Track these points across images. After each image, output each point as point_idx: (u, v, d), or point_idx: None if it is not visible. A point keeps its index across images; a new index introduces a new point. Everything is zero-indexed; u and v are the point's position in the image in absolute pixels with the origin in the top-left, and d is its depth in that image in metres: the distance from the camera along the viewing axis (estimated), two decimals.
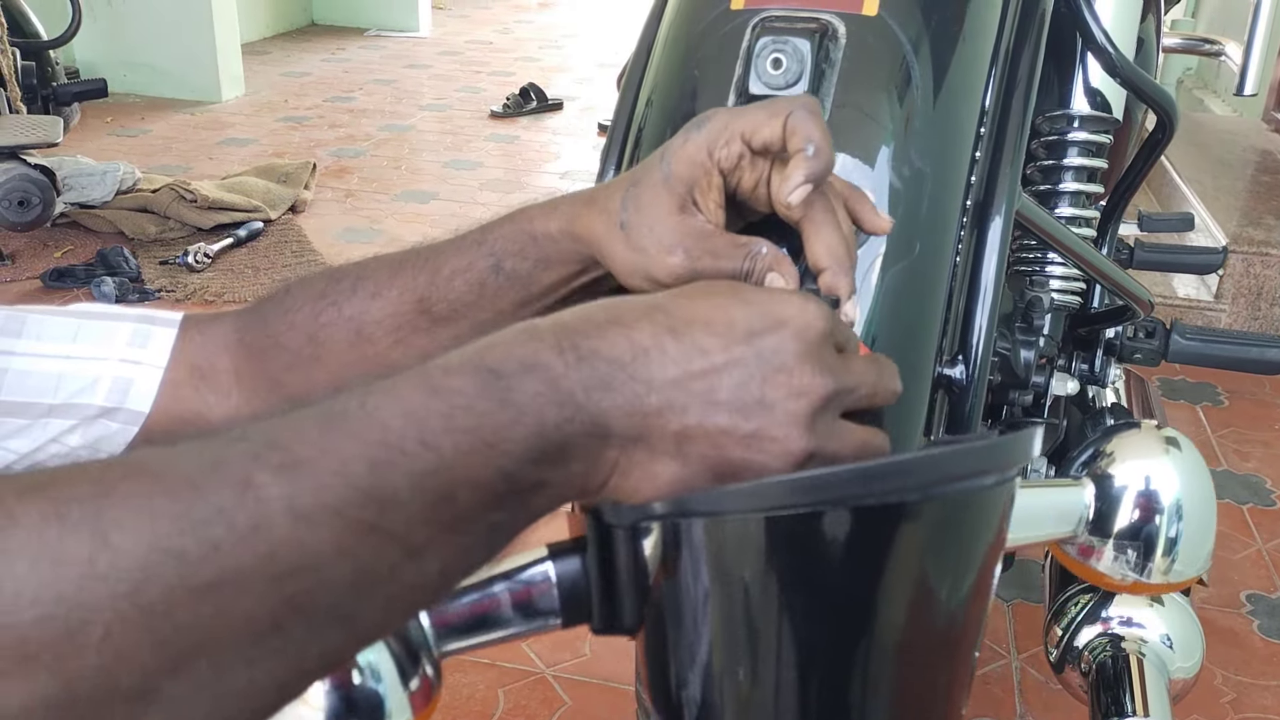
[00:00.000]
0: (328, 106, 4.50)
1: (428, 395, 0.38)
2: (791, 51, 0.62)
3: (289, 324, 0.61)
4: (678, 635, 0.45)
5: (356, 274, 0.61)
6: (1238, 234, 2.57)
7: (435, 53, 5.57)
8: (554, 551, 0.47)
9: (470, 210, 3.36)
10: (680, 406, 0.42)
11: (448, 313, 0.59)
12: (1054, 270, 1.06)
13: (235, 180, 3.29)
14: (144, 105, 4.41)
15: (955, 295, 0.66)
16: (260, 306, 0.63)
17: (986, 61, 0.70)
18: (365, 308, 0.60)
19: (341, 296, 0.60)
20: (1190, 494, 0.60)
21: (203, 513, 0.32)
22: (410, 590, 0.37)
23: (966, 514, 0.44)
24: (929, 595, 0.44)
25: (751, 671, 0.44)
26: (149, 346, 0.61)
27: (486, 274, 0.58)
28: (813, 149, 0.50)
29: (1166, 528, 0.59)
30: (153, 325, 0.62)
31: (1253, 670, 1.60)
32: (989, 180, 0.68)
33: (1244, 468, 2.12)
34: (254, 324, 0.62)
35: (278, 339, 0.61)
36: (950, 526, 0.43)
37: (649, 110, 0.71)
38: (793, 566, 0.42)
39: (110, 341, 0.60)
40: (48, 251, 2.90)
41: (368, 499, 0.35)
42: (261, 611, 0.33)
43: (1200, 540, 0.60)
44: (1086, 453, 0.62)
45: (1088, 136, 1.02)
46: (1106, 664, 0.82)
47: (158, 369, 0.61)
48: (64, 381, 0.59)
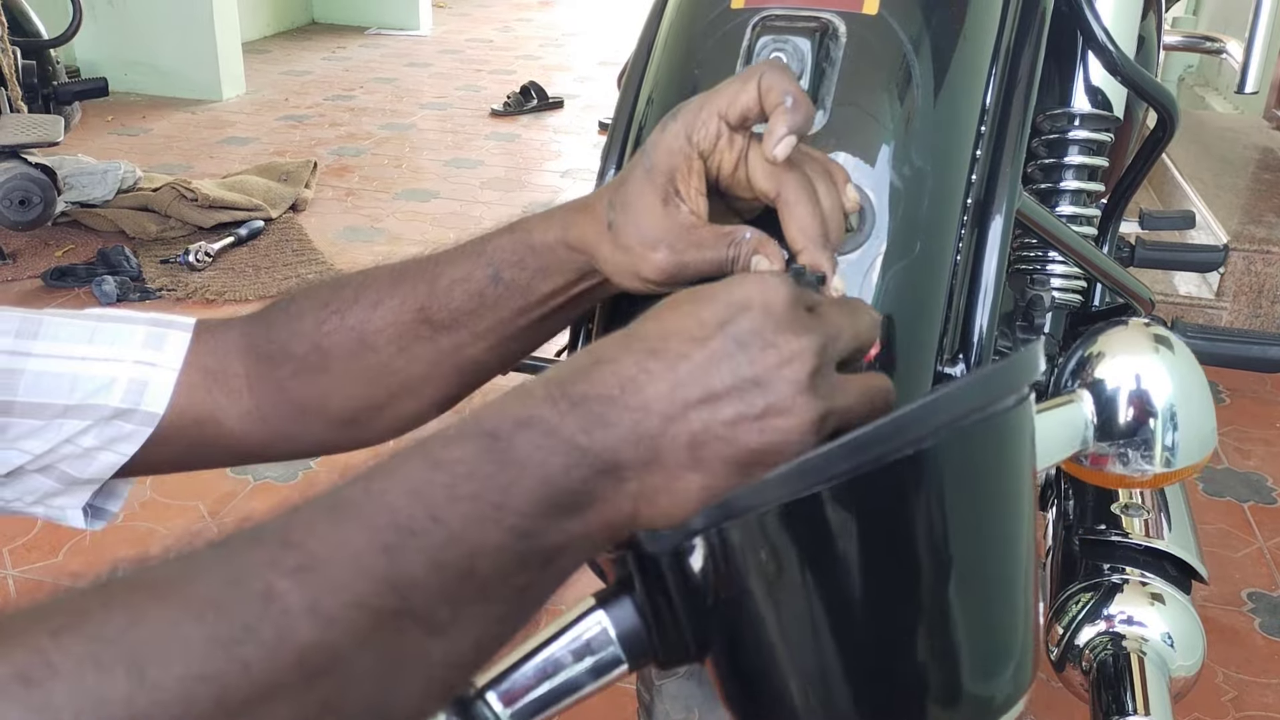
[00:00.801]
0: (328, 105, 4.50)
1: (430, 469, 0.38)
2: (792, 51, 0.62)
3: (293, 332, 0.61)
4: (754, 642, 0.43)
5: (359, 283, 0.61)
6: (1239, 232, 2.56)
7: (436, 51, 5.56)
8: (601, 599, 0.46)
9: (471, 209, 3.36)
10: (683, 417, 0.41)
11: (448, 321, 0.59)
12: (1055, 268, 1.06)
13: (236, 179, 3.29)
14: (145, 104, 4.41)
15: (956, 294, 0.66)
16: (267, 313, 0.63)
17: (987, 60, 0.70)
18: (367, 317, 0.60)
19: (344, 305, 0.61)
20: (1183, 381, 0.61)
21: (230, 633, 0.33)
22: (444, 669, 0.37)
23: (1001, 438, 0.43)
24: (991, 526, 0.43)
25: (841, 652, 0.43)
26: (164, 349, 0.61)
27: (485, 284, 0.59)
28: (790, 100, 0.50)
29: (1166, 417, 0.60)
30: (168, 329, 0.62)
31: (1254, 668, 1.60)
32: (989, 179, 0.68)
33: (1245, 466, 2.12)
34: (260, 330, 0.63)
35: (284, 346, 0.62)
36: (989, 453, 0.43)
37: (650, 109, 0.71)
38: (847, 537, 0.41)
39: (126, 343, 0.61)
40: (49, 250, 2.91)
41: (387, 587, 0.35)
42: (297, 716, 0.33)
43: (1202, 421, 0.61)
44: (1074, 358, 0.63)
45: (1088, 135, 1.02)
46: (1107, 662, 0.82)
47: (173, 371, 0.61)
48: (79, 382, 0.59)
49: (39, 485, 0.62)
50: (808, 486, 0.40)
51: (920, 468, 0.41)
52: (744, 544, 0.42)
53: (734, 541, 0.42)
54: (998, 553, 0.44)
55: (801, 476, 0.40)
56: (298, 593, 0.34)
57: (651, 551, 0.44)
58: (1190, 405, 0.60)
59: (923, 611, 0.42)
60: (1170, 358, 0.61)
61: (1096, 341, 0.62)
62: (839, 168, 0.56)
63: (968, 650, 0.43)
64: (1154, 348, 0.61)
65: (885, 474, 0.40)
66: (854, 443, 0.40)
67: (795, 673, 0.43)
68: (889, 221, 0.62)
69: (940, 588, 0.42)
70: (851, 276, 0.61)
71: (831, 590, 0.42)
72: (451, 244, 0.62)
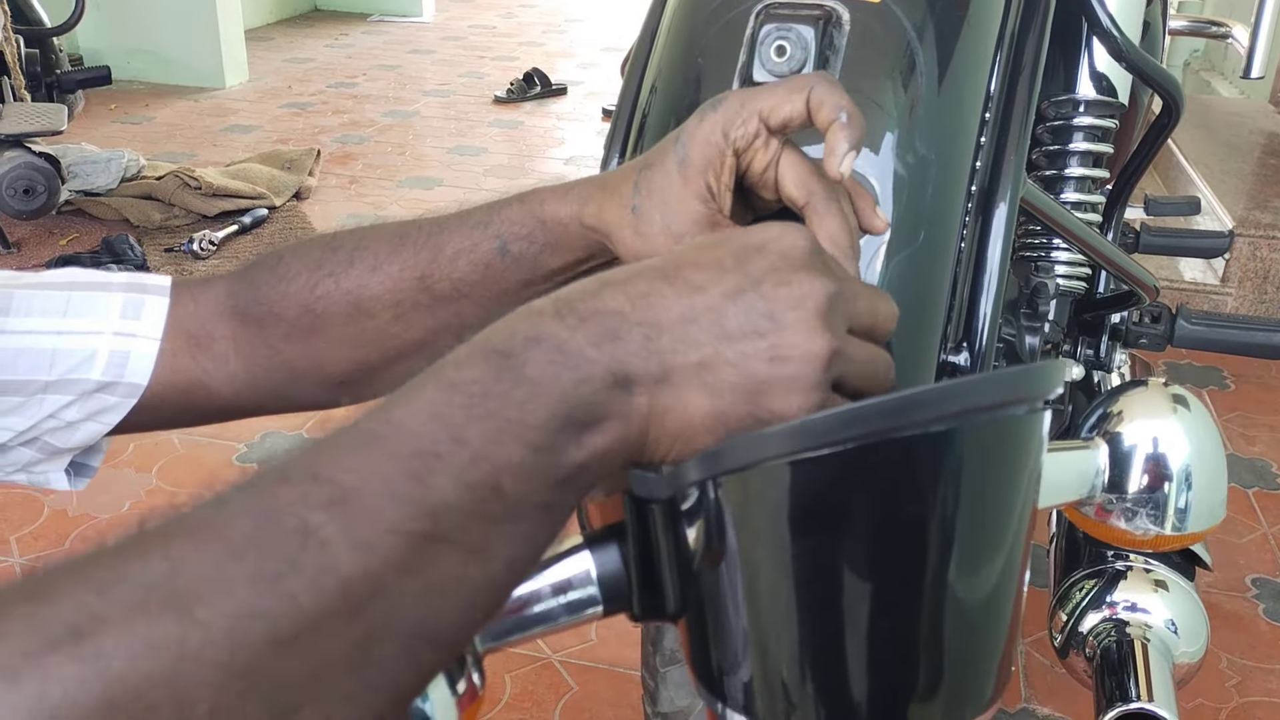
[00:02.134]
0: (331, 93, 4.49)
1: (447, 392, 0.38)
2: (795, 38, 0.61)
3: (283, 294, 0.60)
4: (729, 607, 0.43)
5: (354, 244, 0.60)
6: (1244, 217, 2.56)
7: (438, 38, 5.55)
8: (590, 540, 0.46)
9: (474, 196, 3.34)
10: (692, 339, 0.41)
11: (450, 291, 0.59)
12: (1059, 256, 1.06)
13: (240, 167, 3.29)
14: (148, 92, 4.41)
15: (960, 282, 0.66)
16: (252, 272, 0.62)
17: (991, 46, 0.70)
18: (364, 281, 0.59)
19: (339, 268, 0.60)
20: (1200, 447, 0.61)
21: (273, 568, 0.33)
22: (482, 591, 0.38)
23: (1013, 443, 0.43)
24: (988, 528, 0.43)
25: (817, 629, 0.42)
26: (143, 317, 0.60)
27: (492, 255, 0.58)
28: (845, 115, 0.50)
29: (1180, 481, 0.60)
30: (144, 294, 0.61)
31: (1258, 654, 1.60)
32: (994, 166, 0.68)
33: (1250, 452, 2.12)
34: (247, 290, 0.61)
35: (272, 308, 0.61)
36: (998, 454, 0.43)
37: (653, 96, 0.71)
38: (841, 508, 0.41)
39: (104, 314, 0.60)
40: (53, 239, 2.91)
41: (420, 511, 0.35)
42: (349, 648, 0.34)
43: (1213, 490, 0.61)
44: (1095, 414, 0.63)
45: (1093, 121, 1.02)
46: (1111, 649, 0.82)
47: (154, 340, 0.60)
48: (59, 357, 0.59)
49: (22, 457, 0.62)
50: (811, 447, 0.39)
51: (928, 450, 0.40)
52: (737, 500, 0.42)
53: (727, 496, 0.42)
54: (990, 556, 0.44)
55: (806, 435, 0.40)
56: (334, 525, 0.34)
57: (644, 497, 0.44)
58: (1206, 474, 0.60)
59: (906, 601, 0.42)
60: (1191, 422, 0.61)
61: (1119, 400, 0.63)
62: (865, 193, 0.55)
63: (945, 649, 0.43)
64: (1174, 409, 0.62)
65: (890, 448, 0.40)
66: (865, 410, 0.39)
67: (767, 643, 0.43)
68: (893, 209, 0.62)
69: (928, 578, 0.42)
70: None
71: (819, 562, 0.42)
72: (455, 209, 0.61)
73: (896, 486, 0.41)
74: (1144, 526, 0.60)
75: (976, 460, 0.42)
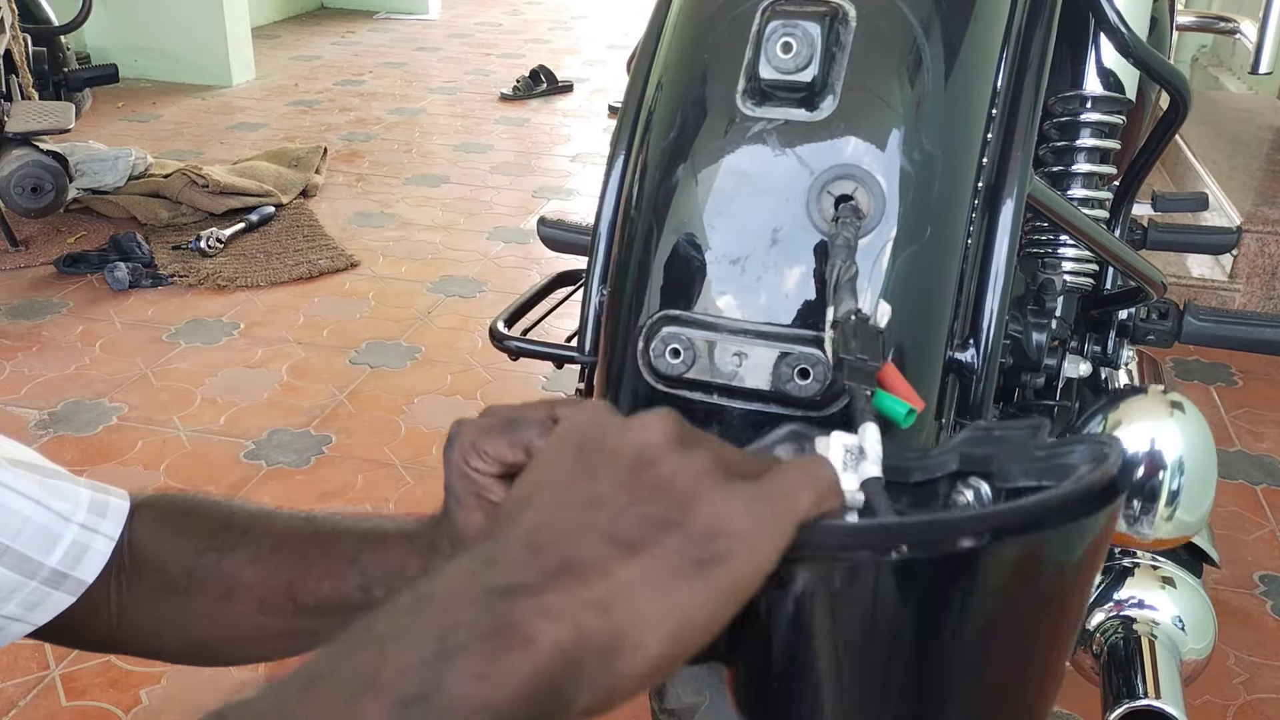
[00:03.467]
0: (338, 90, 4.49)
1: (276, 689, 0.33)
2: (801, 35, 0.61)
3: (175, 549, 0.61)
4: (790, 669, 0.43)
5: (245, 526, 0.61)
6: (1252, 213, 2.55)
7: (445, 35, 5.55)
8: None
9: (481, 194, 3.36)
10: (578, 524, 0.36)
11: (313, 606, 0.59)
12: (1066, 252, 1.06)
13: (247, 165, 3.30)
14: (155, 90, 4.42)
15: (967, 278, 0.66)
16: (161, 506, 0.63)
17: (998, 42, 0.69)
18: (241, 568, 0.60)
19: (226, 547, 0.61)
20: (1192, 451, 0.61)
21: None
22: None
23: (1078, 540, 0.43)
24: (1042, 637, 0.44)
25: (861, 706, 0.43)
26: (106, 517, 0.61)
27: (354, 593, 0.58)
28: None
29: (1169, 483, 0.60)
30: (108, 496, 0.62)
31: (1265, 651, 1.60)
32: (1001, 162, 0.68)
33: (1258, 448, 2.12)
34: (147, 523, 0.62)
35: (160, 560, 0.61)
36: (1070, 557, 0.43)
37: (659, 93, 0.71)
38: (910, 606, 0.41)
39: (75, 502, 0.60)
40: (60, 237, 2.92)
41: None
42: None
43: (1201, 495, 0.62)
44: (1095, 419, 0.63)
45: (1100, 117, 1.02)
46: (1118, 646, 0.82)
47: (110, 540, 0.60)
48: (28, 527, 0.57)
49: None
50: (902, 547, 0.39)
51: (1007, 557, 0.41)
52: (821, 583, 0.40)
53: (812, 575, 0.40)
54: (1036, 671, 0.45)
55: (913, 533, 0.39)
56: None
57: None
58: (1192, 479, 0.61)
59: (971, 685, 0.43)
60: (1184, 431, 0.62)
61: (1119, 407, 0.63)
62: None
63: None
64: (1170, 413, 0.62)
65: (969, 559, 0.39)
66: (961, 521, 0.39)
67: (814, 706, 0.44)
68: (899, 206, 0.62)
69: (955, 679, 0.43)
70: (862, 262, 0.61)
71: (873, 650, 0.42)
72: (341, 525, 0.61)
73: (968, 593, 0.41)
74: (1134, 529, 0.60)
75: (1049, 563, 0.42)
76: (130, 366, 2.31)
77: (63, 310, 2.56)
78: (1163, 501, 0.60)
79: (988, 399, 0.67)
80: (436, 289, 2.72)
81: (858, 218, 0.61)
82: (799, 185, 0.62)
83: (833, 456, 0.42)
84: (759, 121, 0.64)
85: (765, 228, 0.62)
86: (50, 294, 2.63)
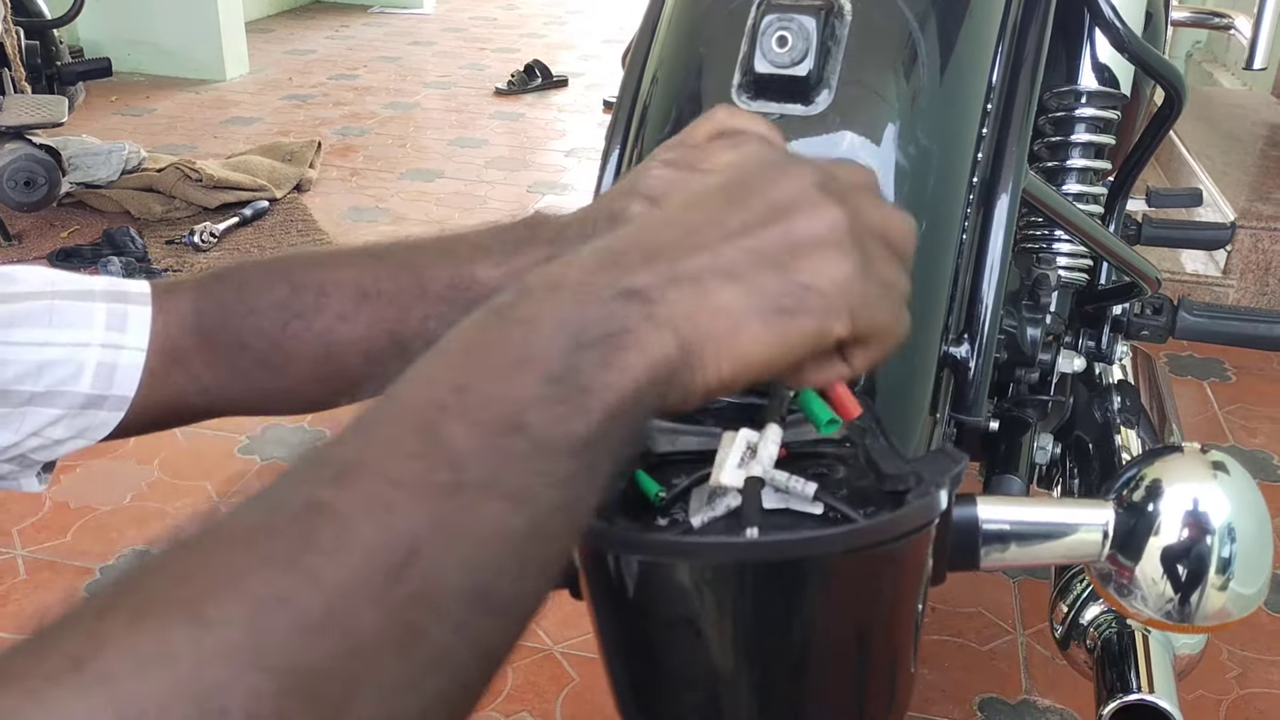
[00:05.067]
0: (332, 84, 4.48)
1: (440, 358, 0.37)
2: (797, 29, 0.61)
3: (253, 327, 0.60)
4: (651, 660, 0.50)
5: (318, 289, 0.60)
6: (1246, 209, 2.55)
7: (439, 29, 5.54)
8: None
9: (476, 188, 3.35)
10: (696, 244, 0.40)
11: (425, 347, 0.59)
12: (1061, 247, 1.06)
13: (240, 159, 3.29)
14: (148, 84, 4.40)
15: (962, 273, 0.66)
16: (216, 291, 0.62)
17: (993, 37, 0.69)
18: (333, 328, 0.59)
19: (306, 310, 0.60)
20: (1242, 522, 0.54)
21: (286, 550, 0.30)
22: (532, 544, 0.34)
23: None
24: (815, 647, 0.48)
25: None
26: (128, 329, 0.60)
27: (461, 316, 0.59)
28: None
29: (1214, 558, 0.54)
30: (127, 304, 0.61)
31: (1258, 646, 1.60)
32: (996, 157, 0.68)
33: (1251, 444, 2.12)
34: (213, 311, 0.61)
35: (240, 337, 0.60)
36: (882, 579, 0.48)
37: (654, 88, 0.71)
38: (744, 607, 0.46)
39: (89, 324, 0.59)
40: (54, 232, 2.91)
41: (436, 462, 0.33)
42: (391, 624, 0.30)
43: (1255, 573, 0.54)
44: (1125, 475, 0.58)
45: (1095, 112, 1.02)
46: (1112, 640, 0.82)
47: (139, 351, 0.60)
48: (46, 369, 0.58)
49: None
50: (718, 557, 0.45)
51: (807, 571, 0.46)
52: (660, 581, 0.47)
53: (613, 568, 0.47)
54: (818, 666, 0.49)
55: (716, 552, 0.45)
56: (345, 496, 0.32)
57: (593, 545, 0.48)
58: (1243, 555, 0.54)
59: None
60: (1233, 497, 0.54)
61: (1154, 465, 0.56)
62: None
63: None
64: (1213, 474, 0.55)
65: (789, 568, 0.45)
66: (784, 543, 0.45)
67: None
68: (894, 201, 0.62)
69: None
70: None
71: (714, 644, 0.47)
72: (431, 244, 0.61)
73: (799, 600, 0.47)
74: (1157, 608, 0.54)
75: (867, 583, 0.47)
76: None
77: None
78: (1212, 570, 0.53)
79: (982, 394, 0.67)
80: None
81: None
82: None
83: (733, 449, 0.46)
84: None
85: None
86: None
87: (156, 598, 0.29)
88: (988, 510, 0.53)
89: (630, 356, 0.37)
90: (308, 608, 0.29)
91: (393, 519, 0.31)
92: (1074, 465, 0.98)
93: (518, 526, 0.34)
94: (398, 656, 0.30)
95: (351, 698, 0.29)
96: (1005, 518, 0.53)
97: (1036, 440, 0.87)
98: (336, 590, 0.30)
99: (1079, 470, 0.98)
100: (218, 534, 0.31)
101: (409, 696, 0.31)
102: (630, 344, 0.37)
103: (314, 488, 0.32)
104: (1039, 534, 0.54)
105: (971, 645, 1.57)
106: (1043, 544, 0.54)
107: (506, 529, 0.33)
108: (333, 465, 0.33)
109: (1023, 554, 0.54)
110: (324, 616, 0.29)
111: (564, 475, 0.35)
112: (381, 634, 0.30)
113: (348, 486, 0.32)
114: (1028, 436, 0.87)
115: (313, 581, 0.30)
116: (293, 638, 0.29)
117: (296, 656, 0.29)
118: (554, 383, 0.35)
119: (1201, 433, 2.14)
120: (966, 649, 1.56)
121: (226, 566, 0.30)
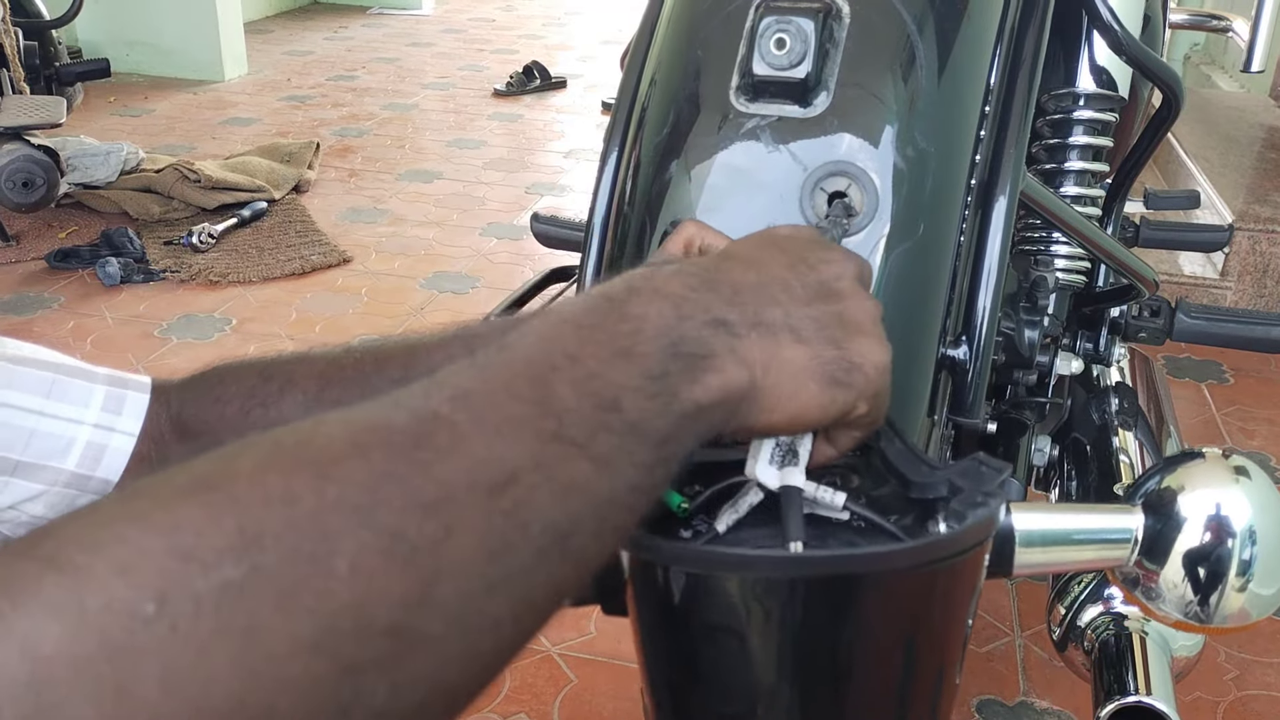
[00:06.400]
0: (331, 85, 4.48)
1: (556, 325, 0.40)
2: (795, 31, 0.61)
3: (220, 415, 0.62)
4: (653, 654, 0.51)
5: (285, 377, 0.63)
6: (1244, 211, 2.55)
7: (438, 30, 5.54)
8: None
9: (474, 190, 3.35)
10: (770, 298, 0.45)
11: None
12: (1059, 249, 1.06)
13: (239, 160, 3.29)
14: (147, 85, 4.40)
15: (959, 275, 0.66)
16: (198, 383, 0.64)
17: (991, 39, 0.69)
18: (293, 414, 0.61)
19: (270, 398, 0.62)
20: (1263, 525, 0.55)
21: (405, 440, 0.34)
22: (610, 509, 0.38)
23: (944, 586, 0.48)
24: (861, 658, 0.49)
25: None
26: (123, 412, 0.61)
27: None
28: None
29: (1239, 553, 0.55)
30: (125, 389, 0.61)
31: (1256, 647, 1.60)
32: (994, 159, 0.68)
33: (1249, 445, 2.12)
34: (190, 400, 0.63)
35: (210, 425, 0.62)
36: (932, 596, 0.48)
37: (653, 89, 0.71)
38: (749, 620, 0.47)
39: (85, 404, 0.60)
40: (52, 232, 2.91)
41: (544, 410, 0.37)
42: (487, 527, 0.34)
43: (1273, 574, 0.55)
44: (1149, 481, 0.59)
45: (1093, 115, 1.02)
46: (1109, 642, 0.82)
47: (130, 437, 0.60)
48: (36, 438, 0.58)
49: None
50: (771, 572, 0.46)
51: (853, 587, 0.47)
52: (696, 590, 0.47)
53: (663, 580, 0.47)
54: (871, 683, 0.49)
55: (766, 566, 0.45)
56: (462, 412, 0.35)
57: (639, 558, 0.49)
58: (1265, 557, 0.55)
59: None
60: (1254, 500, 0.56)
61: (1178, 471, 0.58)
62: None
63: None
64: (1235, 479, 0.56)
65: (837, 584, 0.46)
66: (835, 558, 0.45)
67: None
68: (892, 203, 0.62)
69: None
70: None
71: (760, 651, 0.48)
72: (399, 337, 0.63)
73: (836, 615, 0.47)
74: (1181, 609, 0.55)
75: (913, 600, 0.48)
76: (122, 362, 2.30)
77: (54, 306, 2.55)
78: (1232, 572, 0.54)
79: (980, 396, 0.67)
80: (429, 285, 2.71)
81: (850, 215, 0.61)
82: (792, 182, 0.62)
83: (764, 445, 0.48)
84: (752, 118, 0.64)
85: (758, 224, 0.62)
86: (41, 289, 2.63)
87: (285, 452, 0.32)
88: (1022, 519, 0.54)
89: (712, 379, 0.41)
90: (419, 489, 0.33)
91: (501, 442, 0.35)
92: (1071, 467, 0.98)
93: (599, 489, 0.38)
94: (487, 560, 0.34)
95: (437, 582, 0.32)
96: (1038, 526, 0.54)
97: (1034, 442, 0.87)
98: (445, 485, 0.33)
99: (1076, 472, 0.98)
100: (345, 416, 0.35)
101: (485, 602, 0.34)
102: (715, 368, 0.42)
103: (431, 401, 0.36)
104: (1070, 540, 0.54)
105: (969, 647, 1.57)
106: (1074, 550, 0.54)
107: (591, 487, 0.37)
108: (450, 388, 0.37)
109: (1053, 560, 0.55)
110: (432, 500, 0.33)
111: (643, 460, 0.39)
112: (479, 531, 0.34)
113: (464, 407, 0.36)
114: (1025, 438, 0.87)
115: (425, 470, 0.33)
116: (402, 509, 0.32)
117: (403, 524, 0.32)
118: (650, 379, 0.40)
119: (1199, 435, 2.15)
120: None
121: (351, 440, 0.33)
